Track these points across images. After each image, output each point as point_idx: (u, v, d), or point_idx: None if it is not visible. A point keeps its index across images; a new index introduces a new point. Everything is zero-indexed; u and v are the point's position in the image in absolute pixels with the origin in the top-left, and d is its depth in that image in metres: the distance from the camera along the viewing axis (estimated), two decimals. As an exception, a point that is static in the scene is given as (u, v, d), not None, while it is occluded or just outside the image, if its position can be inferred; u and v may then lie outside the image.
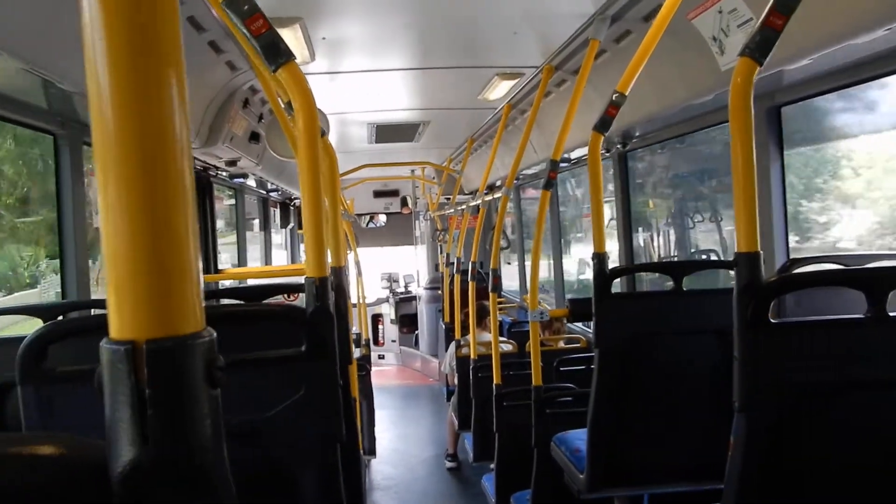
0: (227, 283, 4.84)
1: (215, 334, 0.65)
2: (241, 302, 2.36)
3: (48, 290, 4.17)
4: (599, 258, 2.66)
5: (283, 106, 2.56)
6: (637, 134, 4.45)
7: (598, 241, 2.70)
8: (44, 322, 2.12)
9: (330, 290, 1.70)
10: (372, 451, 6.24)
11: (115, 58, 0.60)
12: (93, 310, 2.73)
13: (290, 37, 3.34)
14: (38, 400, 1.51)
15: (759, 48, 1.49)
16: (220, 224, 6.09)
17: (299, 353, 1.58)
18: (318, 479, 1.67)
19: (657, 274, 4.91)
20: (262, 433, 1.58)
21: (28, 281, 4.19)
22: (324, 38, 3.59)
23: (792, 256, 3.10)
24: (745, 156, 1.51)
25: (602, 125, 2.67)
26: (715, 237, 5.01)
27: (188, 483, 0.63)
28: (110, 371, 0.61)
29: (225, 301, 2.65)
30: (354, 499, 1.96)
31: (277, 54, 1.57)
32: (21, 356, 1.48)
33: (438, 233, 10.19)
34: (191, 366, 0.62)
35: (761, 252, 1.52)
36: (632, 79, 2.62)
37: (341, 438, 1.70)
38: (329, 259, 1.98)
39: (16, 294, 4.14)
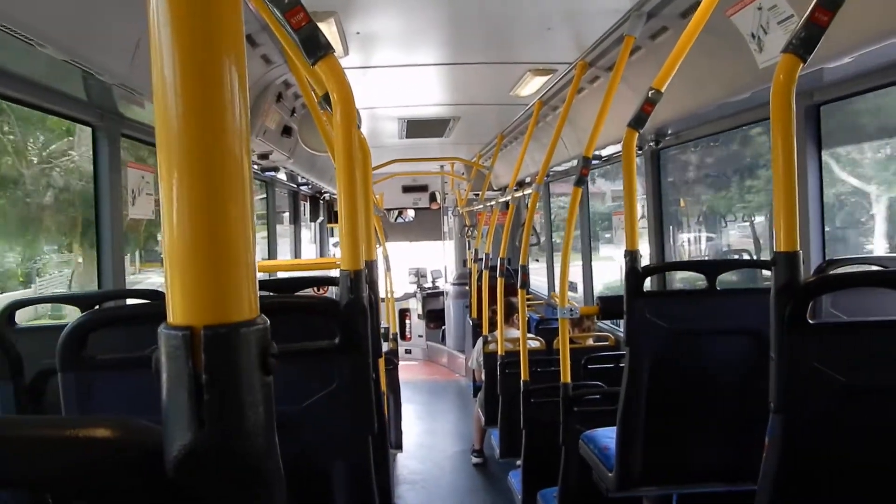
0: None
1: (269, 322, 0.66)
2: (271, 294, 2.38)
3: (46, 290, 4.18)
4: (632, 256, 2.64)
5: (316, 100, 2.57)
6: (670, 131, 4.40)
7: (631, 238, 2.68)
8: (81, 311, 2.16)
9: (364, 282, 1.71)
10: (398, 446, 6.26)
11: (179, 51, 0.61)
12: (128, 300, 2.77)
13: (325, 31, 3.32)
14: (77, 387, 1.53)
15: (803, 44, 1.46)
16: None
17: (333, 345, 1.59)
18: (349, 471, 1.68)
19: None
20: (295, 424, 1.58)
21: (21, 280, 4.16)
22: (357, 33, 3.60)
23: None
24: (786, 153, 1.49)
25: (637, 122, 2.65)
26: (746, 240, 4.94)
27: (241, 467, 0.64)
28: (168, 355, 0.62)
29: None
30: (383, 492, 1.97)
31: (317, 47, 1.58)
32: (62, 344, 1.50)
33: (467, 228, 10.18)
34: (246, 352, 0.63)
35: (801, 251, 1.49)
36: (668, 76, 2.59)
37: (373, 431, 1.70)
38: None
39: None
